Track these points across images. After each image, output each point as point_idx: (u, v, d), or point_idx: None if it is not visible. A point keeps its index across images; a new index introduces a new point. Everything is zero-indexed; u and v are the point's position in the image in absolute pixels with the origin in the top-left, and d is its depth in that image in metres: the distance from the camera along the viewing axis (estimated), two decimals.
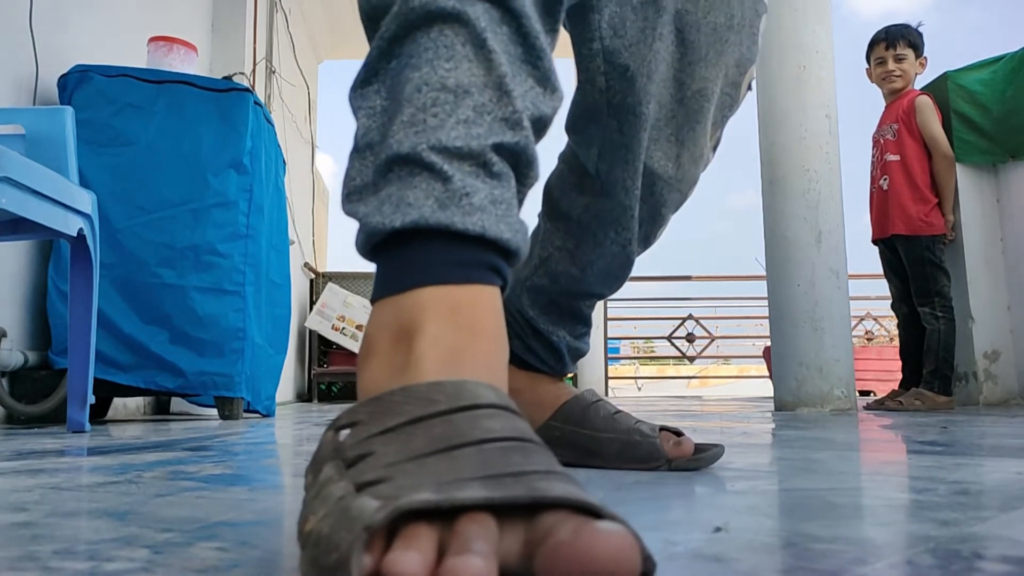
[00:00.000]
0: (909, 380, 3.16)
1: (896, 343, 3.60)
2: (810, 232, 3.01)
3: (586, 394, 0.97)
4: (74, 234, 1.81)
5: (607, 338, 6.48)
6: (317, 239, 6.34)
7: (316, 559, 0.32)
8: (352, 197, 0.50)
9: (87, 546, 0.48)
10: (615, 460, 0.91)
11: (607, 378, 6.34)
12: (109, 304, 2.32)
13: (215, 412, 2.61)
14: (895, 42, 3.20)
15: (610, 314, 6.50)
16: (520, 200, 0.52)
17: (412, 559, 0.29)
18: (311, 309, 5.51)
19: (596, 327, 5.87)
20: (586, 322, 0.99)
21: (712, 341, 7.02)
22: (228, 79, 3.45)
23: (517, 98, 0.50)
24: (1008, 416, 2.29)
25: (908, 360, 3.20)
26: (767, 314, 3.20)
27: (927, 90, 3.34)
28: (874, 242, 3.28)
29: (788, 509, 0.64)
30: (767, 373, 4.69)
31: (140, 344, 2.37)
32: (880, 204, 3.22)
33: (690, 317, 6.82)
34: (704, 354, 7.05)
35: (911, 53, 3.21)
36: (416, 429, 0.37)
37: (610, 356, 6.81)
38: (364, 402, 0.41)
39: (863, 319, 7.23)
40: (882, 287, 3.74)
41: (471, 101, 0.48)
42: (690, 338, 6.80)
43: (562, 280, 0.94)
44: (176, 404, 3.38)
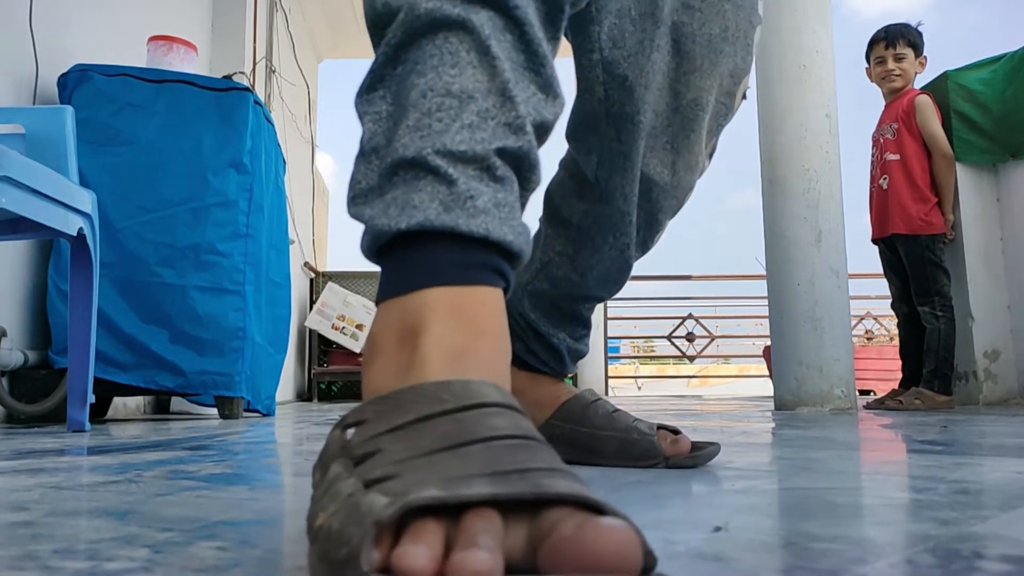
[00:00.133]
0: (909, 379, 3.16)
1: (896, 342, 3.60)
2: (810, 232, 3.01)
3: (586, 393, 0.99)
4: (74, 233, 1.81)
5: (607, 337, 6.47)
6: (317, 238, 6.34)
7: (326, 553, 0.33)
8: (358, 200, 0.50)
9: (87, 545, 0.48)
10: (614, 457, 0.93)
11: (607, 377, 6.33)
12: (109, 303, 2.32)
13: (215, 411, 2.61)
14: (895, 41, 3.20)
15: (610, 313, 6.49)
16: (523, 204, 0.53)
17: (420, 553, 0.30)
18: (311, 308, 5.51)
19: (596, 326, 5.87)
20: (586, 324, 1.02)
21: (712, 340, 7.02)
22: (228, 78, 3.45)
23: (520, 104, 0.50)
24: (1008, 415, 2.29)
25: (908, 359, 3.20)
26: (767, 313, 3.20)
27: (927, 89, 3.34)
28: (874, 241, 3.28)
29: (788, 508, 0.64)
30: (767, 372, 4.69)
31: (140, 343, 2.37)
32: (880, 203, 3.22)
33: (690, 316, 6.82)
34: (704, 353, 7.05)
35: (911, 52, 3.20)
36: (423, 427, 0.38)
37: (610, 355, 6.80)
38: (371, 401, 0.42)
39: (863, 318, 7.23)
40: (882, 286, 3.74)
41: (475, 106, 0.49)
42: (690, 337, 6.80)
43: (562, 284, 0.96)
44: (176, 403, 3.38)
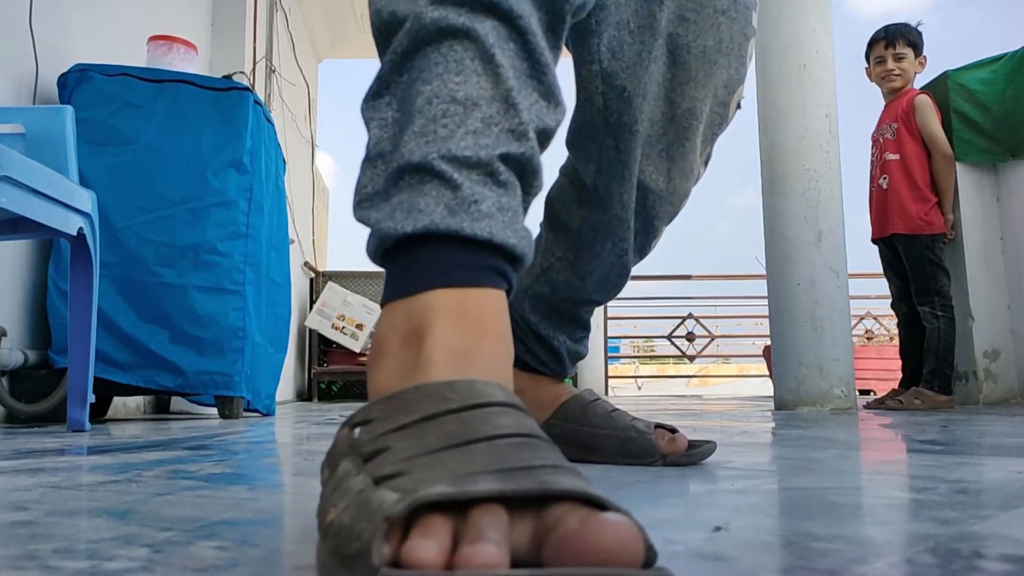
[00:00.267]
0: (909, 379, 3.16)
1: (896, 342, 3.60)
2: (810, 231, 3.01)
3: (585, 393, 1.02)
4: (74, 233, 1.81)
5: (607, 337, 6.47)
6: (317, 238, 6.34)
7: (338, 548, 0.34)
8: (364, 204, 0.51)
9: (87, 545, 0.48)
10: (613, 455, 0.95)
11: (607, 377, 6.33)
12: (109, 303, 2.32)
13: (215, 411, 2.61)
14: (894, 41, 3.20)
15: (610, 313, 6.49)
16: (525, 208, 0.54)
17: (429, 547, 0.31)
18: (311, 308, 5.51)
19: (596, 326, 5.87)
20: (585, 327, 1.05)
21: (712, 340, 7.02)
22: (228, 78, 3.45)
23: (523, 111, 0.51)
24: (1008, 415, 2.29)
25: (908, 359, 3.20)
26: (767, 313, 3.20)
27: (927, 89, 3.34)
28: (874, 241, 3.28)
29: (788, 508, 0.64)
30: (767, 372, 4.69)
31: (140, 343, 2.37)
32: (879, 203, 3.22)
33: (690, 316, 6.82)
34: (704, 353, 7.05)
35: (910, 52, 3.20)
36: (430, 425, 0.39)
37: (610, 355, 6.79)
38: (378, 400, 0.43)
39: (863, 318, 7.23)
40: (882, 286, 3.74)
41: (479, 113, 0.50)
42: (690, 337, 6.80)
43: (562, 289, 0.99)
44: (176, 403, 3.38)
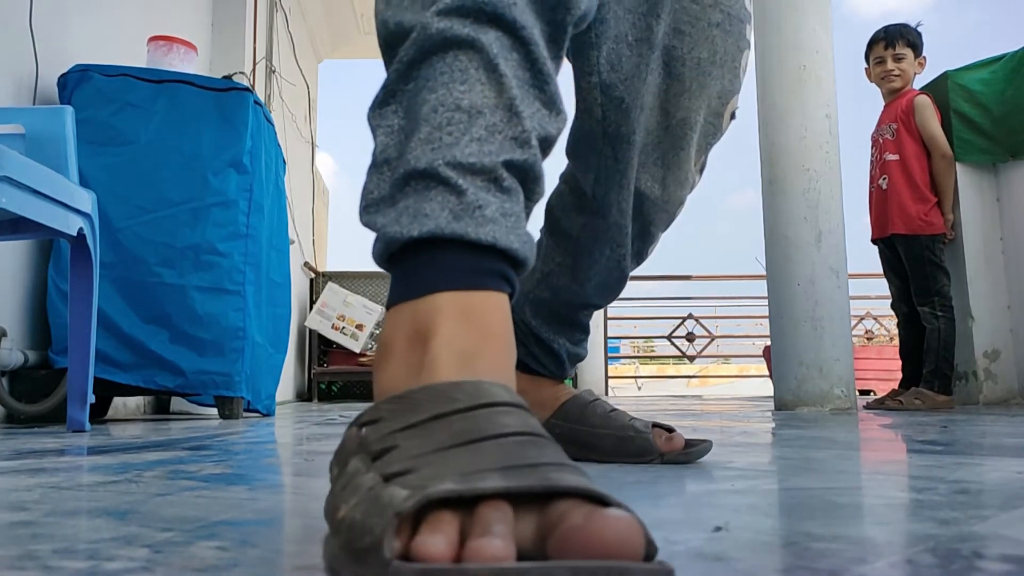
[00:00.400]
0: (909, 379, 3.16)
1: (896, 342, 3.60)
2: (810, 232, 3.01)
3: (584, 394, 1.04)
4: (74, 234, 1.81)
5: (607, 337, 6.47)
6: (317, 239, 6.34)
7: (350, 543, 0.35)
8: (370, 209, 0.53)
9: (87, 545, 0.48)
10: (611, 454, 0.98)
11: (607, 377, 6.33)
12: (109, 303, 2.32)
13: (215, 411, 2.61)
14: (894, 41, 3.20)
15: (610, 313, 6.49)
16: (527, 213, 0.55)
17: (439, 541, 0.32)
18: (311, 308, 5.51)
19: (596, 327, 5.87)
20: (584, 330, 1.07)
21: (712, 340, 7.01)
22: (228, 79, 3.45)
23: (526, 119, 0.53)
24: (1008, 415, 2.29)
25: (908, 359, 3.20)
26: (767, 313, 3.20)
27: (927, 90, 3.34)
28: (874, 241, 3.28)
29: (788, 508, 0.64)
30: (767, 372, 4.69)
31: (140, 343, 2.37)
32: (879, 203, 3.22)
33: (690, 316, 6.82)
34: (704, 353, 7.05)
35: (910, 53, 3.20)
36: (438, 424, 0.40)
37: (610, 355, 6.79)
38: (386, 400, 0.43)
39: (863, 318, 7.23)
40: (882, 286, 3.74)
41: (484, 121, 0.51)
42: (690, 337, 6.79)
43: (562, 294, 1.02)
44: (176, 403, 3.38)
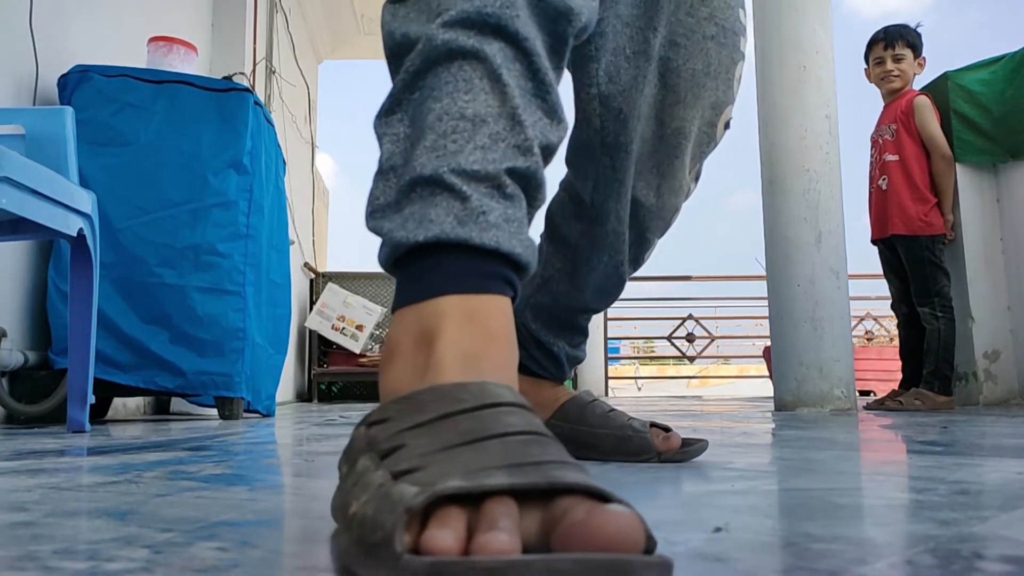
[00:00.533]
0: (909, 380, 3.16)
1: (896, 343, 3.60)
2: (810, 232, 3.01)
3: (583, 395, 1.07)
4: (74, 234, 1.81)
5: (607, 338, 6.47)
6: (317, 239, 6.34)
7: (361, 538, 0.36)
8: (376, 215, 0.54)
9: (87, 546, 0.48)
10: (610, 453, 1.00)
11: (607, 378, 6.33)
12: (109, 304, 2.32)
13: (215, 412, 2.61)
14: (893, 42, 3.20)
15: (610, 314, 6.48)
16: (529, 219, 0.56)
17: (447, 536, 0.33)
18: (311, 309, 5.51)
19: (596, 327, 5.87)
20: (583, 333, 1.10)
21: (712, 341, 7.01)
22: (228, 79, 3.45)
23: (528, 127, 0.54)
24: (1008, 416, 2.29)
25: (908, 360, 3.20)
26: (767, 314, 3.20)
27: (927, 90, 3.34)
28: (873, 242, 3.28)
29: (788, 509, 0.64)
30: (767, 373, 4.69)
31: (140, 344, 2.37)
32: (879, 204, 3.22)
33: (690, 317, 6.81)
34: (704, 354, 7.04)
35: (909, 53, 3.20)
36: (444, 424, 0.41)
37: (610, 356, 6.79)
38: (393, 400, 0.45)
39: (863, 319, 7.22)
40: (882, 287, 3.74)
41: (487, 129, 0.53)
42: (690, 338, 6.79)
43: (561, 299, 1.05)
44: (176, 404, 3.38)
